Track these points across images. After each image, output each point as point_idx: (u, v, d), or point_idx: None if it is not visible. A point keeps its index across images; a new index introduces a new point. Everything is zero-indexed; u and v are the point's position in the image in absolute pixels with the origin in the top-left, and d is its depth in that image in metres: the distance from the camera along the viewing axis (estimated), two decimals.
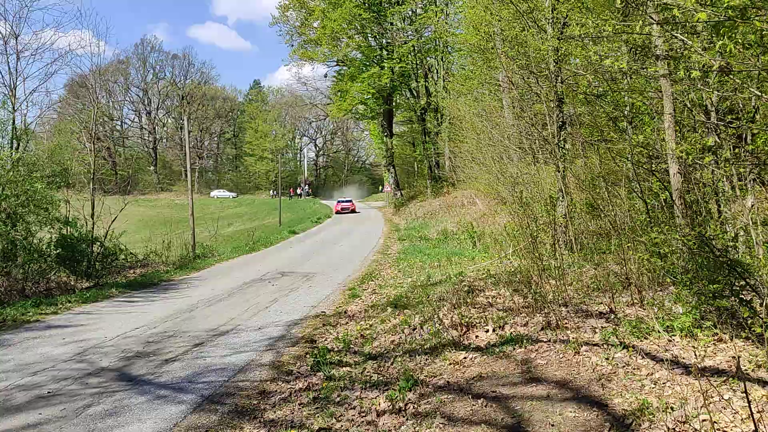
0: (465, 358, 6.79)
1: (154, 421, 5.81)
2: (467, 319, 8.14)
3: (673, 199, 7.53)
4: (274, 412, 6.03)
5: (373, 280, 15.24)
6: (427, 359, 7.09)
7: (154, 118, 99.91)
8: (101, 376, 7.51)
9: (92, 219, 18.26)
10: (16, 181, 15.53)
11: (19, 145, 17.34)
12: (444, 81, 41.96)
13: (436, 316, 8.52)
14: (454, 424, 5.05)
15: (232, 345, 8.98)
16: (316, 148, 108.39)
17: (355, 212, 53.85)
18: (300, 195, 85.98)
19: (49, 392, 6.84)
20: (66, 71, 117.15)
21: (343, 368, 7.31)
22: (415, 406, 5.63)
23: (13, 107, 17.49)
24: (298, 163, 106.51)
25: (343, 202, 57.41)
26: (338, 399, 6.19)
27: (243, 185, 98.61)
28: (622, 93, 10.05)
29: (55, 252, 16.44)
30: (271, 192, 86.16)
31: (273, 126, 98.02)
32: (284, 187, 77.98)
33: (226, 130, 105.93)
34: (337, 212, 53.45)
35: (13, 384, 7.23)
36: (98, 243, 17.96)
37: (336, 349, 8.30)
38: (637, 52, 9.73)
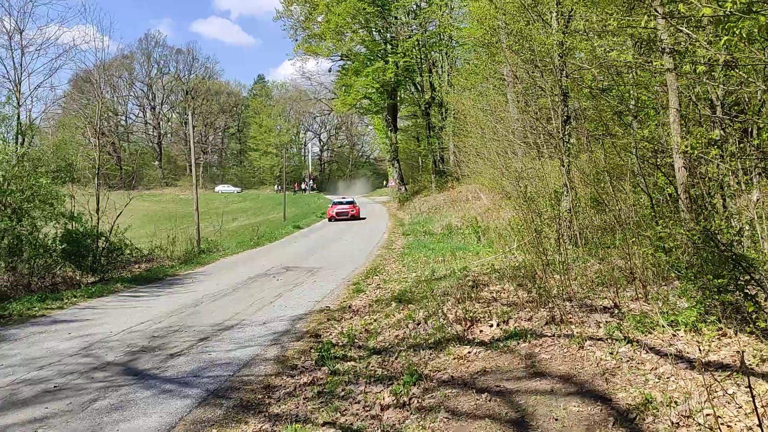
0: (469, 352, 6.80)
1: (159, 415, 5.84)
2: (471, 314, 8.15)
3: (678, 193, 7.51)
4: (279, 406, 6.06)
5: (377, 275, 15.25)
6: (431, 354, 7.10)
7: (159, 113, 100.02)
8: (107, 370, 7.55)
9: (97, 214, 18.32)
10: (21, 176, 15.58)
11: (24, 140, 17.40)
12: (448, 75, 41.87)
13: (440, 310, 8.53)
14: (458, 418, 5.06)
15: (237, 340, 9.01)
16: (320, 142, 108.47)
17: (358, 219, 40.63)
18: (304, 190, 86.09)
19: (55, 386, 6.88)
20: (70, 66, 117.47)
21: (348, 363, 7.33)
22: (420, 400, 5.65)
23: (18, 102, 17.58)
24: (303, 158, 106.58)
25: (340, 204, 42.60)
26: (343, 393, 6.20)
27: (247, 180, 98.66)
28: (627, 87, 10.01)
29: (60, 247, 16.50)
30: (275, 187, 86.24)
31: (277, 121, 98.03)
32: (289, 182, 77.95)
33: (231, 125, 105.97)
34: (331, 218, 40.62)
35: (19, 378, 7.27)
36: (103, 238, 18.02)
37: (340, 343, 8.32)
38: (642, 46, 9.69)
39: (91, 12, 71.16)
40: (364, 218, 41.36)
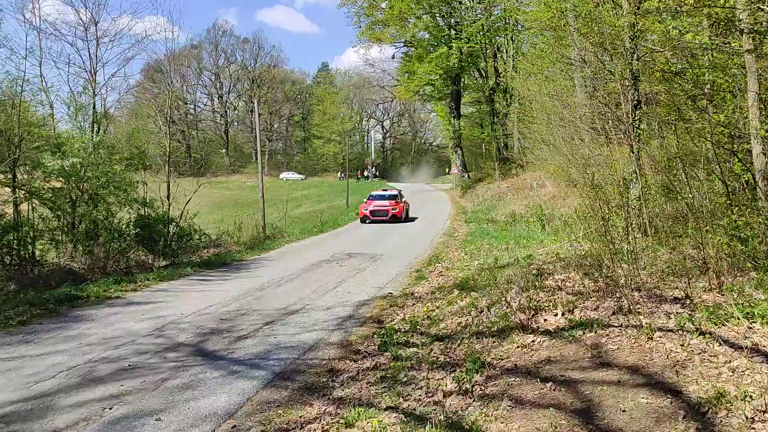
0: (533, 341, 6.72)
1: (228, 395, 6.02)
2: (535, 303, 8.04)
3: (756, 180, 7.20)
4: (343, 389, 6.14)
5: (439, 263, 15.23)
6: (494, 342, 7.05)
7: (226, 101, 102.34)
8: (178, 351, 7.82)
9: (168, 200, 18.93)
10: (97, 163, 16.24)
11: (99, 128, 18.06)
12: (513, 60, 41.16)
13: (503, 299, 8.45)
14: (522, 406, 5.01)
15: (301, 324, 9.18)
16: (383, 130, 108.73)
17: (400, 220, 29.83)
18: (367, 177, 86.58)
19: (129, 365, 7.17)
20: (142, 56, 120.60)
21: (410, 349, 7.36)
22: (482, 387, 5.62)
23: (94, 92, 18.20)
24: (365, 145, 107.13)
25: (380, 198, 31.98)
26: (405, 379, 6.24)
27: (311, 167, 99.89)
28: (703, 70, 9.63)
29: (134, 232, 17.13)
30: (338, 174, 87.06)
31: (341, 108, 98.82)
32: (352, 169, 78.44)
33: (295, 113, 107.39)
34: (364, 218, 30.41)
35: (97, 356, 7.61)
36: (174, 223, 18.59)
37: (403, 329, 8.36)
38: (719, 26, 9.27)
39: (162, 3, 73.09)
40: (414, 218, 31.55)
